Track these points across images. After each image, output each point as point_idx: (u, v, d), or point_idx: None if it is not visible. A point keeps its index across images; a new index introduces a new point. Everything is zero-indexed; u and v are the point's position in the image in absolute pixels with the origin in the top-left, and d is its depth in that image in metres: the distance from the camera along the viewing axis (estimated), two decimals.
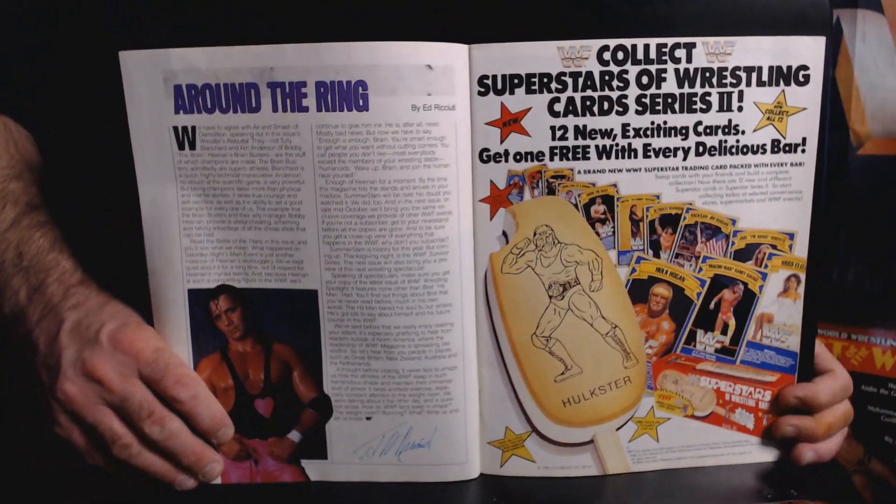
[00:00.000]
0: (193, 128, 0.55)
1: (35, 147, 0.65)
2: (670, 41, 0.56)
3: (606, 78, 0.56)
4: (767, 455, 0.62)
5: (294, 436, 0.60)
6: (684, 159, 0.57)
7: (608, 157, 0.57)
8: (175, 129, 0.55)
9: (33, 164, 0.64)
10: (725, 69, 0.56)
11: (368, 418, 0.59)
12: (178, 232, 0.57)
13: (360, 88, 0.53)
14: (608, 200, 0.58)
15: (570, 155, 0.57)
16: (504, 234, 0.58)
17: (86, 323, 0.55)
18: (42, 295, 0.56)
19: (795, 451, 0.60)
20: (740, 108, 0.57)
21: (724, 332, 0.60)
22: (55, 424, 0.55)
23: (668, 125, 0.57)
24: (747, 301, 0.60)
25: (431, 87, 0.54)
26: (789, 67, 0.56)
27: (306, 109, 0.54)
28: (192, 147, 0.56)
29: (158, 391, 0.55)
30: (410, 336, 0.57)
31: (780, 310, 0.60)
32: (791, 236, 0.59)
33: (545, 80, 0.56)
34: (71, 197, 0.63)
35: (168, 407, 0.56)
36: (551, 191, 0.58)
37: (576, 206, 0.58)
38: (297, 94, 0.54)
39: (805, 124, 0.58)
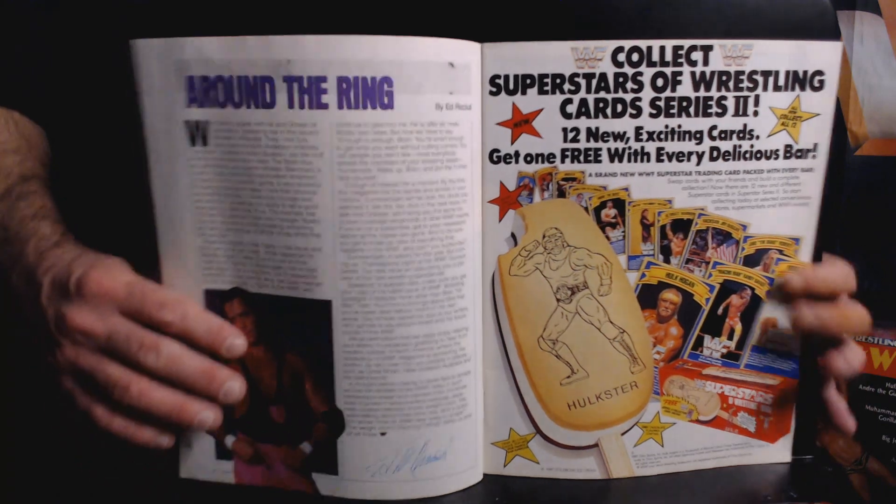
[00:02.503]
0: (206, 122, 0.52)
1: (43, 136, 0.63)
2: (686, 43, 0.54)
3: (620, 80, 0.55)
4: (768, 457, 0.62)
5: (305, 447, 0.57)
6: (698, 164, 0.56)
7: (620, 161, 0.56)
8: (187, 123, 0.53)
9: (33, 141, 0.62)
10: (742, 73, 0.55)
11: (383, 433, 0.56)
12: (192, 230, 0.54)
13: (386, 85, 0.51)
14: (619, 204, 0.57)
15: (581, 157, 0.56)
16: (513, 235, 0.57)
17: (58, 280, 0.53)
18: (22, 266, 0.55)
19: (828, 358, 0.58)
20: (756, 113, 0.56)
21: (730, 337, 0.60)
22: (61, 388, 0.53)
23: (682, 129, 0.56)
24: (753, 306, 0.60)
25: (453, 85, 0.52)
26: (805, 72, 0.56)
27: (325, 106, 0.51)
28: (205, 143, 0.53)
29: (146, 323, 0.52)
30: (429, 345, 0.55)
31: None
32: (797, 241, 0.59)
33: (558, 80, 0.55)
34: (83, 191, 0.61)
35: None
36: (562, 193, 0.57)
37: (586, 209, 0.57)
38: (317, 89, 0.50)
39: (817, 130, 0.57)
